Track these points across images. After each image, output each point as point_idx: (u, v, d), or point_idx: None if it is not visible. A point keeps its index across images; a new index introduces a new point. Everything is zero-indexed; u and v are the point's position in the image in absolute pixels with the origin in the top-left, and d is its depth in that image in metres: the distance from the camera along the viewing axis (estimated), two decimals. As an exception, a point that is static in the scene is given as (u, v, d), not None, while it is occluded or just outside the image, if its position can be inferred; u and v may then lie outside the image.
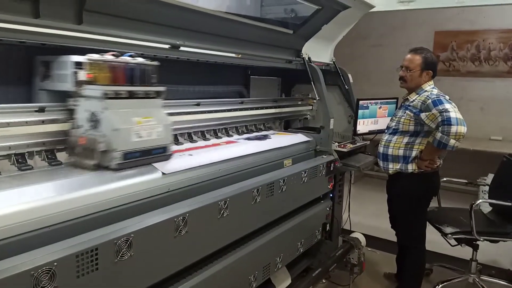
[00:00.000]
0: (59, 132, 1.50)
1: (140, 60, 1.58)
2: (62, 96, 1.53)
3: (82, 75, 1.45)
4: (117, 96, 1.47)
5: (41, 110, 1.46)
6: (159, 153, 1.58)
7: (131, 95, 1.52)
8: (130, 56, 1.57)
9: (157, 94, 1.62)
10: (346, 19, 3.00)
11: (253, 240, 2.03)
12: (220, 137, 2.36)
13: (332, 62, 3.29)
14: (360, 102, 3.11)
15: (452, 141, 2.29)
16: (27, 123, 1.41)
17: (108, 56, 1.50)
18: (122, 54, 1.56)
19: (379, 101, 3.24)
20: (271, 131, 2.77)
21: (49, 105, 1.50)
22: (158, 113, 1.60)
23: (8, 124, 1.36)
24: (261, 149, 2.23)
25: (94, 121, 1.43)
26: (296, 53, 2.90)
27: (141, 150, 1.51)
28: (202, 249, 1.66)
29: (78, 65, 1.47)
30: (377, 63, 5.97)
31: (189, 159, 1.76)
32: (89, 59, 1.45)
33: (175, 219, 1.48)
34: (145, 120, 1.51)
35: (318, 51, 3.09)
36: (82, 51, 1.51)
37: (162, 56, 1.91)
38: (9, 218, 1.12)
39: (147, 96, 1.58)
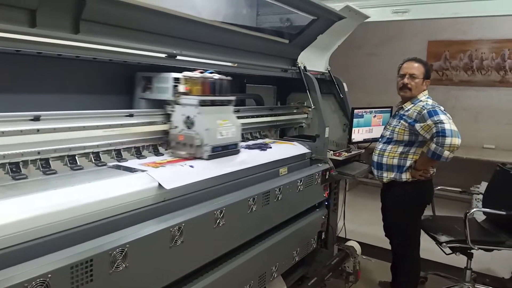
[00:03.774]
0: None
1: (218, 76, 1.97)
2: (159, 104, 1.97)
3: (182, 87, 1.88)
4: (205, 103, 1.88)
5: (36, 118, 1.46)
6: (233, 149, 2.00)
7: (213, 103, 1.94)
8: (211, 72, 1.95)
9: (229, 102, 2.03)
10: (341, 29, 3.03)
11: (249, 249, 2.02)
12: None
13: (327, 71, 3.31)
14: (355, 111, 3.13)
15: (446, 153, 2.31)
16: (21, 132, 1.41)
17: (197, 73, 1.89)
18: (205, 71, 1.94)
19: (373, 110, 3.26)
20: (268, 139, 2.76)
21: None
22: (231, 116, 2.02)
23: (3, 133, 1.35)
24: (266, 160, 2.23)
25: (189, 123, 1.85)
26: (291, 62, 2.91)
27: (222, 145, 1.92)
28: (198, 259, 1.65)
29: (176, 80, 1.90)
30: (372, 72, 6.03)
31: (192, 172, 1.73)
32: (185, 76, 1.87)
33: (171, 229, 1.47)
34: (224, 122, 1.93)
35: (314, 60, 3.11)
36: (176, 69, 1.91)
37: (158, 65, 1.92)
38: (2, 229, 1.10)
39: (223, 103, 1.99)
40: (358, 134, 3.19)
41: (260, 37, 2.56)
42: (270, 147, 2.41)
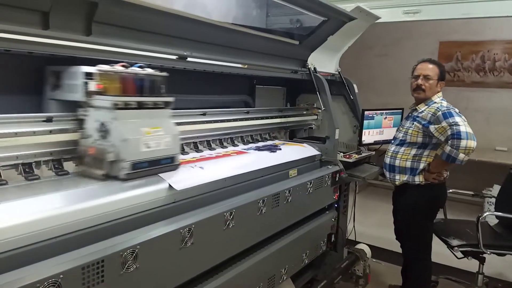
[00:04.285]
0: (67, 142, 1.52)
1: (149, 70, 1.60)
2: (72, 106, 1.56)
3: (92, 85, 1.47)
4: (126, 106, 1.48)
5: (49, 120, 1.47)
6: (167, 163, 1.59)
7: (140, 106, 1.53)
8: (140, 67, 1.58)
9: (166, 105, 1.63)
10: (351, 30, 3.01)
11: (258, 251, 2.02)
12: (226, 147, 2.36)
13: (337, 72, 3.29)
14: (366, 112, 3.10)
15: (461, 155, 2.28)
16: (34, 133, 1.41)
17: (118, 67, 1.52)
18: (131, 65, 1.58)
19: (384, 111, 3.23)
20: (277, 140, 2.75)
21: (57, 115, 1.51)
22: (166, 123, 1.61)
23: (16, 134, 1.36)
24: (275, 162, 2.21)
25: (104, 131, 1.45)
26: (301, 64, 2.90)
27: (149, 160, 1.52)
28: (208, 260, 1.65)
29: (89, 75, 1.49)
30: (382, 73, 5.98)
31: (202, 173, 1.72)
32: (99, 70, 1.48)
33: (181, 231, 1.47)
34: (154, 131, 1.53)
35: (324, 61, 3.09)
36: (92, 62, 1.53)
37: (169, 66, 1.92)
38: (14, 230, 1.11)
39: (156, 106, 1.59)
40: (369, 136, 3.16)
41: (270, 39, 2.56)
42: (280, 149, 2.39)
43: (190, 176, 1.66)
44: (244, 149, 2.34)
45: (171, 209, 1.57)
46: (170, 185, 1.55)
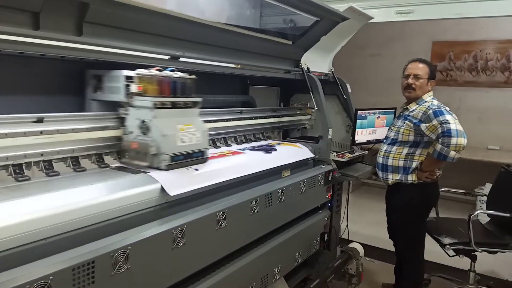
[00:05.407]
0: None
1: (180, 74, 1.77)
2: (112, 106, 1.74)
3: (134, 87, 1.66)
4: (163, 106, 1.66)
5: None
6: (198, 157, 1.76)
7: (174, 105, 1.71)
8: (171, 70, 1.75)
9: (194, 104, 1.81)
10: (345, 30, 3.03)
11: (251, 251, 2.02)
12: (219, 147, 2.35)
13: (330, 72, 3.30)
14: (359, 112, 3.12)
15: (452, 153, 2.30)
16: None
17: (155, 71, 1.68)
18: (164, 68, 1.74)
19: (377, 111, 3.25)
20: (271, 140, 2.76)
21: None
22: (196, 120, 1.79)
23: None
24: (272, 165, 2.22)
25: (144, 128, 1.63)
26: (295, 63, 2.91)
27: (184, 153, 1.68)
28: (200, 261, 1.65)
29: (129, 78, 1.68)
30: (375, 73, 6.01)
31: (196, 177, 1.72)
32: (138, 74, 1.65)
33: (173, 231, 1.47)
34: (187, 127, 1.71)
35: (317, 61, 3.11)
36: (131, 66, 1.70)
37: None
38: (4, 231, 1.11)
39: (186, 105, 1.76)
40: (362, 135, 3.18)
41: (263, 39, 2.56)
42: (275, 149, 2.38)
43: (184, 179, 1.65)
44: (239, 149, 2.33)
45: (163, 209, 1.56)
46: (162, 187, 1.54)
